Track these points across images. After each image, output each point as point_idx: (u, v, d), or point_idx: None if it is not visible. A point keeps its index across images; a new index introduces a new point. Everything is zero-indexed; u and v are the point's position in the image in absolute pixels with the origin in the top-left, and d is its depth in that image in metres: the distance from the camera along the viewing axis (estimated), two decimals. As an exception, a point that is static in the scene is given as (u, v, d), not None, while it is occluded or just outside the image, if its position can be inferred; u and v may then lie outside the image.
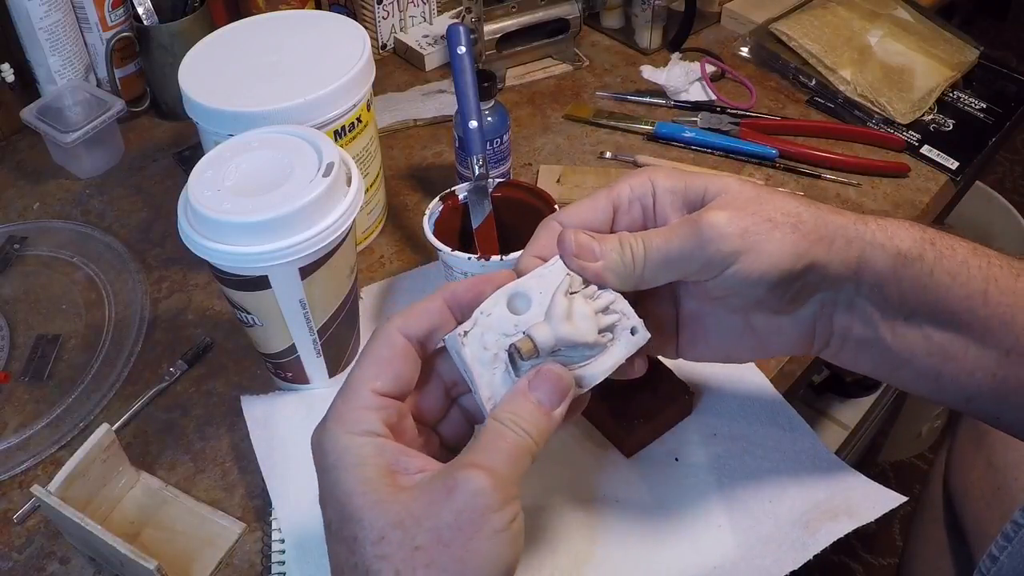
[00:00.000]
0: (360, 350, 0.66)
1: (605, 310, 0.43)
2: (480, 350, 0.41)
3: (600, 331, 0.42)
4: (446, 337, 0.43)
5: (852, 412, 1.26)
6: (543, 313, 0.42)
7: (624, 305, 0.44)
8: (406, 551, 0.37)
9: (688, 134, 0.87)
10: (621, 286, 0.45)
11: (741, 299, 0.46)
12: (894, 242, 0.46)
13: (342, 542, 0.38)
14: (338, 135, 0.67)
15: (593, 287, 0.44)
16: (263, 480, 0.59)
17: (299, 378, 0.64)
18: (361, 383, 0.41)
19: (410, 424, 0.43)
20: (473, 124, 0.68)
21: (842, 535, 0.53)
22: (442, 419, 0.46)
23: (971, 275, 0.46)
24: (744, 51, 1.01)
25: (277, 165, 0.56)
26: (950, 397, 0.50)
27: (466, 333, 0.42)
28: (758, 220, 0.44)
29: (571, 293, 0.43)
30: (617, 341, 0.43)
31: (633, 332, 0.44)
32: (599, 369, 0.43)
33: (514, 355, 0.41)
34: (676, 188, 0.46)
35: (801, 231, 0.44)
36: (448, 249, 0.61)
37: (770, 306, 0.47)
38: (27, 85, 0.89)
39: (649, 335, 0.44)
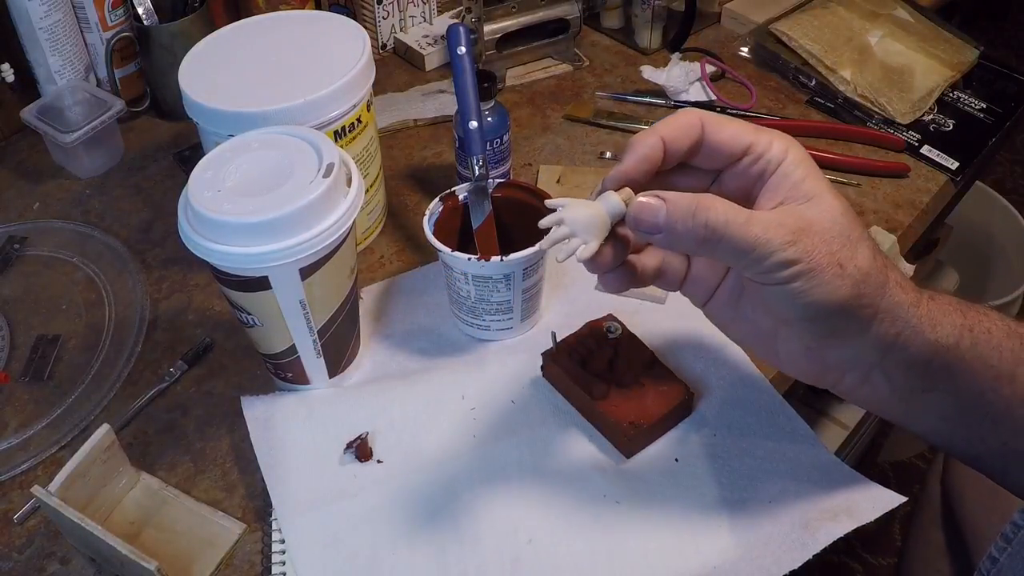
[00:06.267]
0: (359, 350, 0.66)
1: None
2: None
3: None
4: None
5: (852, 412, 1.26)
6: None
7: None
8: None
9: (688, 134, 0.87)
10: (669, 246, 0.46)
11: (779, 309, 0.46)
12: (935, 332, 0.46)
13: None
14: (338, 135, 0.67)
15: None
16: (263, 480, 0.59)
17: (299, 378, 0.64)
18: None
19: None
20: (473, 124, 0.68)
21: (842, 535, 0.53)
22: None
23: (1003, 358, 0.47)
24: (744, 51, 1.01)
25: (277, 165, 0.56)
26: (957, 453, 0.51)
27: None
28: (831, 262, 0.44)
29: None
30: None
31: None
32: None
33: None
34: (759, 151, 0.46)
35: (860, 291, 0.44)
36: (448, 249, 0.61)
37: (801, 327, 0.47)
38: (27, 85, 0.89)
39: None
